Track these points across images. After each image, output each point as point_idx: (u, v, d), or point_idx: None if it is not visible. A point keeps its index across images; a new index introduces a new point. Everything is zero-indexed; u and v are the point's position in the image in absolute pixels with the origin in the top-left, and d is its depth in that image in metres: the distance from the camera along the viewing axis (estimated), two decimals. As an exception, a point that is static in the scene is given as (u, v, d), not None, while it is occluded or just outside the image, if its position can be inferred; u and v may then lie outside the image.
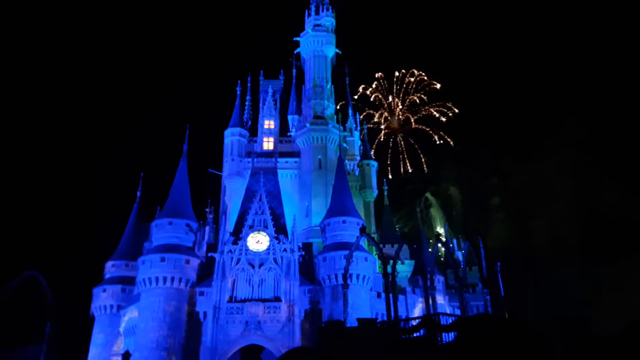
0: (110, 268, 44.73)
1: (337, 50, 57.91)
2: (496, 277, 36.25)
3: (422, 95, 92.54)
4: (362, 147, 58.47)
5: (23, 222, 77.88)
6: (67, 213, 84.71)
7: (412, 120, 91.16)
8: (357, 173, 55.21)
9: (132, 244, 45.76)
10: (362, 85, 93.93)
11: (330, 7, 59.10)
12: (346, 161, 53.09)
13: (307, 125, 51.78)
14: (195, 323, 37.02)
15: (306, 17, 58.86)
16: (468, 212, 76.61)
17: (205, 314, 36.94)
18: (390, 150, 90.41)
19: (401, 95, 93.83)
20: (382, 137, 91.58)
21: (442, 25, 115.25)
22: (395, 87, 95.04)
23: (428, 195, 78.65)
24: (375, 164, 56.33)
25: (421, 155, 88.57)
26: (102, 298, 43.09)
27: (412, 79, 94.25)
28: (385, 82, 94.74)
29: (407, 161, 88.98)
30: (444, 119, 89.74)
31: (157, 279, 37.11)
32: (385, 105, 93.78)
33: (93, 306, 43.46)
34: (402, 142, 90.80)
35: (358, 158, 57.74)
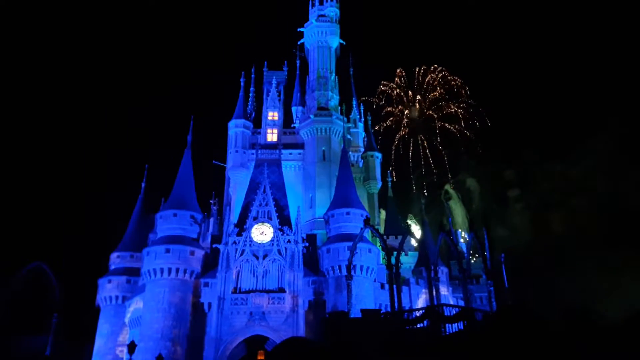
0: (116, 259, 45.01)
1: (341, 41, 57.51)
2: (500, 268, 36.18)
3: (443, 92, 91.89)
4: (366, 139, 58.28)
5: (29, 214, 78.40)
6: (72, 204, 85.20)
7: (435, 118, 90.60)
8: (361, 164, 55.11)
9: (137, 235, 45.97)
10: (383, 82, 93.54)
11: (334, -3, 58.63)
12: (350, 153, 52.96)
13: (311, 116, 51.60)
14: (199, 314, 37.25)
15: (310, 8, 58.42)
16: (486, 204, 76.56)
17: (209, 304, 37.14)
18: (411, 147, 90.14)
19: (422, 91, 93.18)
20: (404, 134, 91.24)
21: (455, 17, 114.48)
22: (415, 82, 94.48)
23: (448, 187, 78.65)
24: (380, 155, 56.15)
25: (442, 152, 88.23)
26: (108, 289, 43.40)
27: (433, 75, 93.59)
28: (405, 78, 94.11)
29: (429, 157, 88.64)
30: (466, 115, 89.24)
31: (162, 270, 37.32)
32: (406, 101, 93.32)
33: (98, 297, 43.80)
34: (424, 141, 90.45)
35: (362, 149, 57.59)
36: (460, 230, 55.42)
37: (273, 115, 53.16)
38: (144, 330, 36.67)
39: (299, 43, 58.67)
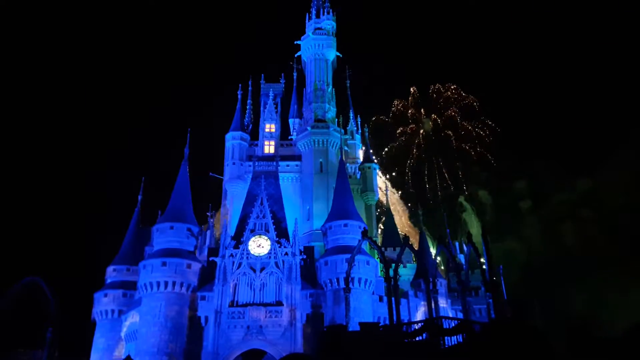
0: (112, 272, 44.61)
1: (338, 54, 57.90)
2: (499, 280, 36.04)
3: (457, 111, 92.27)
4: (363, 150, 58.35)
5: (25, 227, 77.90)
6: (68, 217, 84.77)
7: (451, 136, 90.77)
8: (358, 176, 55.07)
9: (133, 249, 45.63)
10: (396, 100, 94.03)
11: (331, 10, 59.11)
12: (347, 164, 52.94)
13: (308, 128, 51.68)
14: (196, 328, 36.86)
15: (307, 21, 58.85)
16: (494, 215, 76.62)
17: (206, 318, 36.79)
18: (426, 165, 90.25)
19: (434, 108, 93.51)
20: (419, 152, 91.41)
21: (463, 29, 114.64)
22: (433, 97, 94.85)
23: (462, 200, 78.96)
24: (377, 166, 56.20)
25: (457, 165, 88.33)
26: (104, 303, 42.98)
27: (447, 94, 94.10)
28: (416, 95, 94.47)
29: (444, 172, 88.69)
30: (480, 132, 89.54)
31: (158, 283, 37.01)
32: (419, 119, 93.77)
33: (94, 311, 43.35)
34: (439, 161, 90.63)
35: (359, 161, 57.62)
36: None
37: (270, 127, 53.23)
38: (140, 344, 36.25)
39: (295, 56, 59.03)
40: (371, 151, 57.03)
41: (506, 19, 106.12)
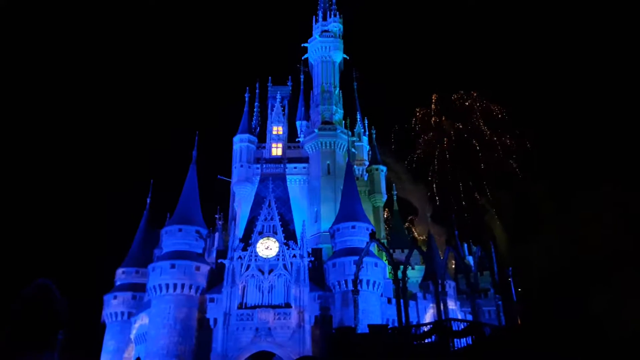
0: (121, 275, 44.93)
1: (345, 56, 57.91)
2: (508, 282, 35.86)
3: (480, 118, 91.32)
4: (370, 152, 58.30)
5: (35, 230, 78.57)
6: (78, 220, 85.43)
7: (476, 146, 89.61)
8: (365, 178, 55.06)
9: (142, 251, 45.94)
10: (417, 108, 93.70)
11: (337, 12, 59.12)
12: (355, 166, 52.91)
13: (316, 130, 51.72)
14: (205, 330, 37.00)
15: (314, 23, 58.91)
16: (520, 218, 75.89)
17: (215, 320, 36.93)
18: (449, 179, 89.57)
19: (461, 118, 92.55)
20: (438, 161, 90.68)
21: (477, 36, 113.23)
22: (450, 106, 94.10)
23: (484, 203, 78.69)
24: (384, 168, 56.06)
25: (480, 168, 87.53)
26: (113, 305, 43.30)
27: (470, 102, 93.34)
28: (437, 103, 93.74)
29: (467, 178, 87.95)
30: (504, 140, 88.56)
31: (167, 285, 37.19)
32: (442, 126, 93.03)
33: (104, 313, 43.69)
34: (461, 167, 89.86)
35: (367, 163, 57.59)
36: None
37: (277, 129, 53.31)
38: (150, 346, 36.44)
39: (303, 58, 59.07)
40: (379, 158, 56.84)
41: (514, 24, 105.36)
